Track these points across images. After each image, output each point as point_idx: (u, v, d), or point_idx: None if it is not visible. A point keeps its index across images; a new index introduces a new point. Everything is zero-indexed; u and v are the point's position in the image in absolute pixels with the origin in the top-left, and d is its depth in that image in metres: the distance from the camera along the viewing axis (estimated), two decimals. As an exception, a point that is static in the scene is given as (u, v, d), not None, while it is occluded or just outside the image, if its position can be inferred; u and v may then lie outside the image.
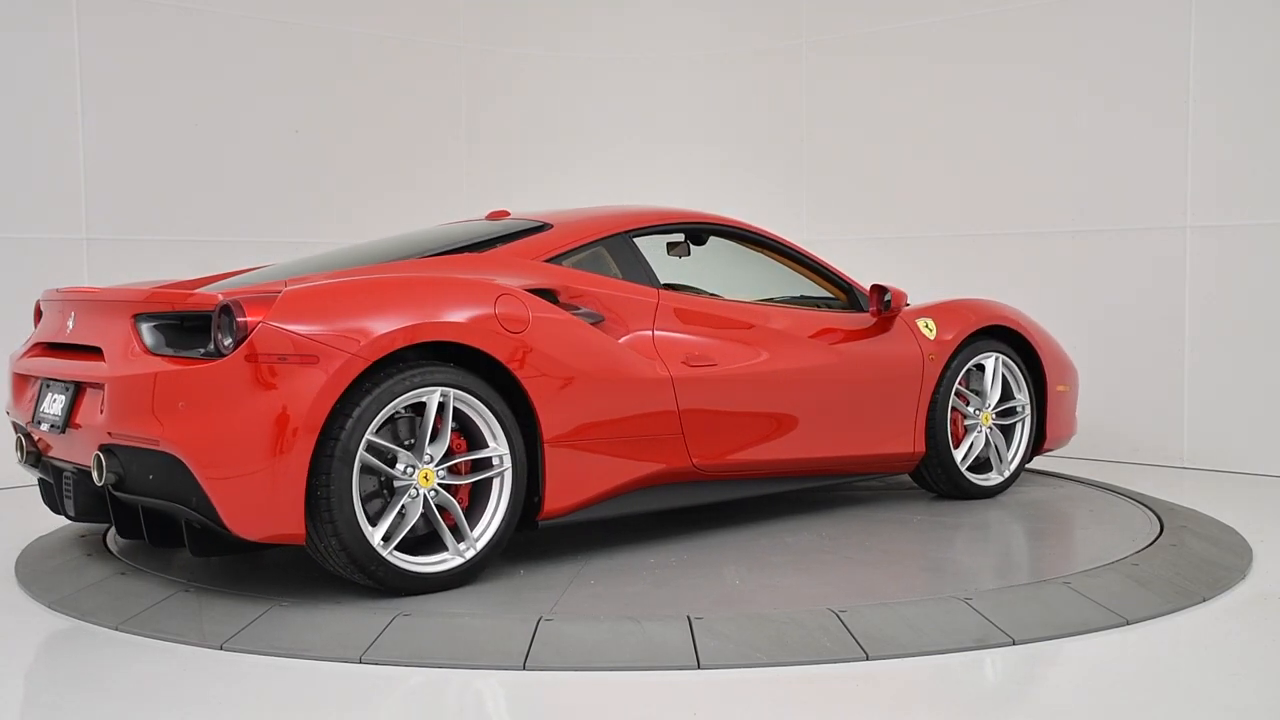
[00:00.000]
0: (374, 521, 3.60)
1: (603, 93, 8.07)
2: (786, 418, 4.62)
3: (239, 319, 3.47)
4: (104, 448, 3.64)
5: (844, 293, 5.09)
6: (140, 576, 3.95)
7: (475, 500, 3.83)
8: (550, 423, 3.87)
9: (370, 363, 3.52)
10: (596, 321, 4.16)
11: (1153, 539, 4.38)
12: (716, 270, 5.28)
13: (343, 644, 3.31)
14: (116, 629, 3.57)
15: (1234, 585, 3.97)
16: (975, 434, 5.17)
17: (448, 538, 3.71)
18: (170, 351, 3.63)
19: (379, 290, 3.71)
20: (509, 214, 4.91)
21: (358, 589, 3.79)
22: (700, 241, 5.06)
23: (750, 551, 4.32)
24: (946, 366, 5.07)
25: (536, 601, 3.65)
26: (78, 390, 3.86)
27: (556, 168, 7.90)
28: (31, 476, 4.26)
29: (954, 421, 5.13)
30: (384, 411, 3.56)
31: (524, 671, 3.17)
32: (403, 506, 3.64)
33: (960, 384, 5.12)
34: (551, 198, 7.06)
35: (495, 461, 3.79)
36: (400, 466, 3.63)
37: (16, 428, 4.24)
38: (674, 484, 4.31)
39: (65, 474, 4.01)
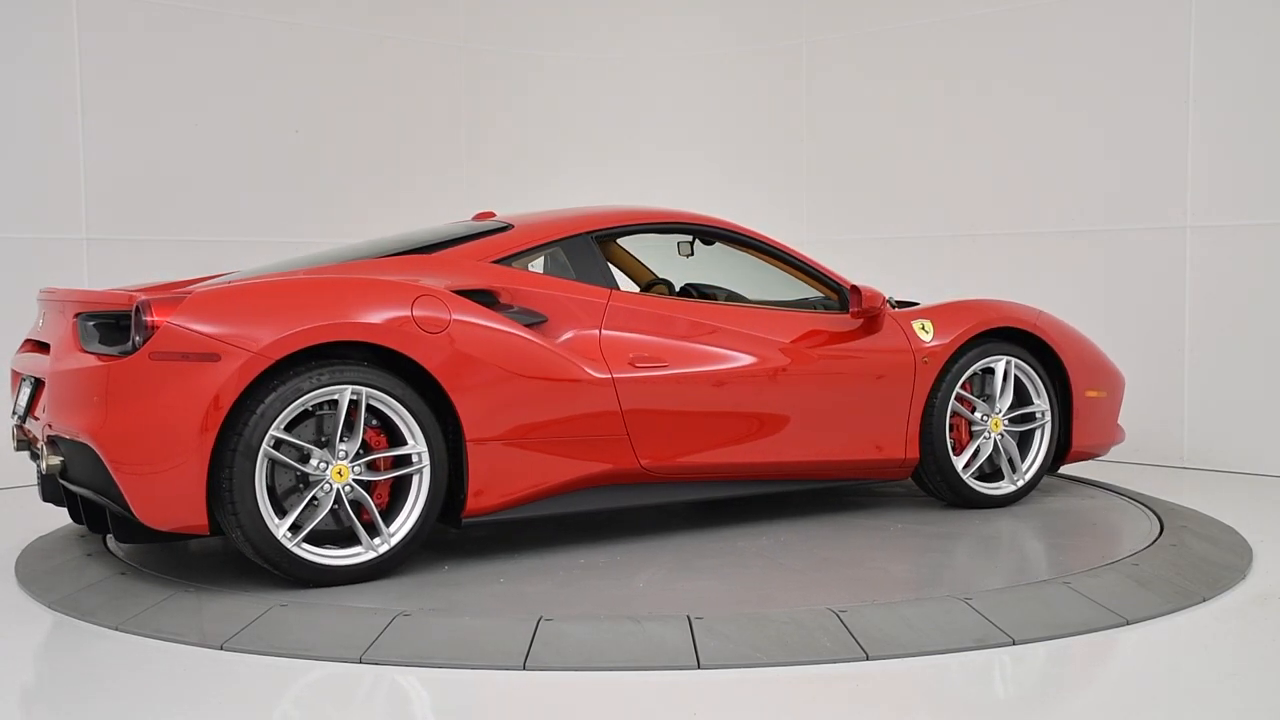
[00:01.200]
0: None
1: (602, 93, 8.07)
2: (750, 420, 4.53)
3: (146, 318, 3.62)
4: (49, 438, 3.86)
5: (834, 293, 4.96)
6: (140, 576, 3.95)
7: (396, 496, 3.92)
8: (473, 422, 3.93)
9: (272, 361, 3.64)
10: (538, 322, 4.20)
11: (1153, 539, 4.38)
12: (711, 271, 5.27)
13: (343, 644, 3.31)
14: (116, 629, 3.57)
15: (1234, 585, 3.97)
16: (983, 441, 4.96)
17: (360, 532, 3.81)
18: (100, 349, 3.77)
19: (290, 292, 3.84)
20: (494, 215, 4.97)
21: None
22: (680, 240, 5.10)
23: (681, 555, 4.26)
24: (945, 370, 4.88)
25: (427, 596, 3.71)
26: (36, 384, 4.13)
27: (556, 168, 7.90)
28: (33, 477, 4.47)
29: (957, 427, 4.96)
30: (290, 408, 3.68)
31: (524, 671, 3.17)
32: (317, 500, 3.77)
33: (965, 388, 4.94)
34: (551, 198, 7.06)
35: (414, 459, 3.88)
36: (314, 462, 3.74)
37: (11, 417, 4.46)
38: (632, 485, 4.33)
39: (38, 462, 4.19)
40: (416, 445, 3.86)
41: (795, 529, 4.68)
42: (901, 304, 5.24)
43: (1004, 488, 5.03)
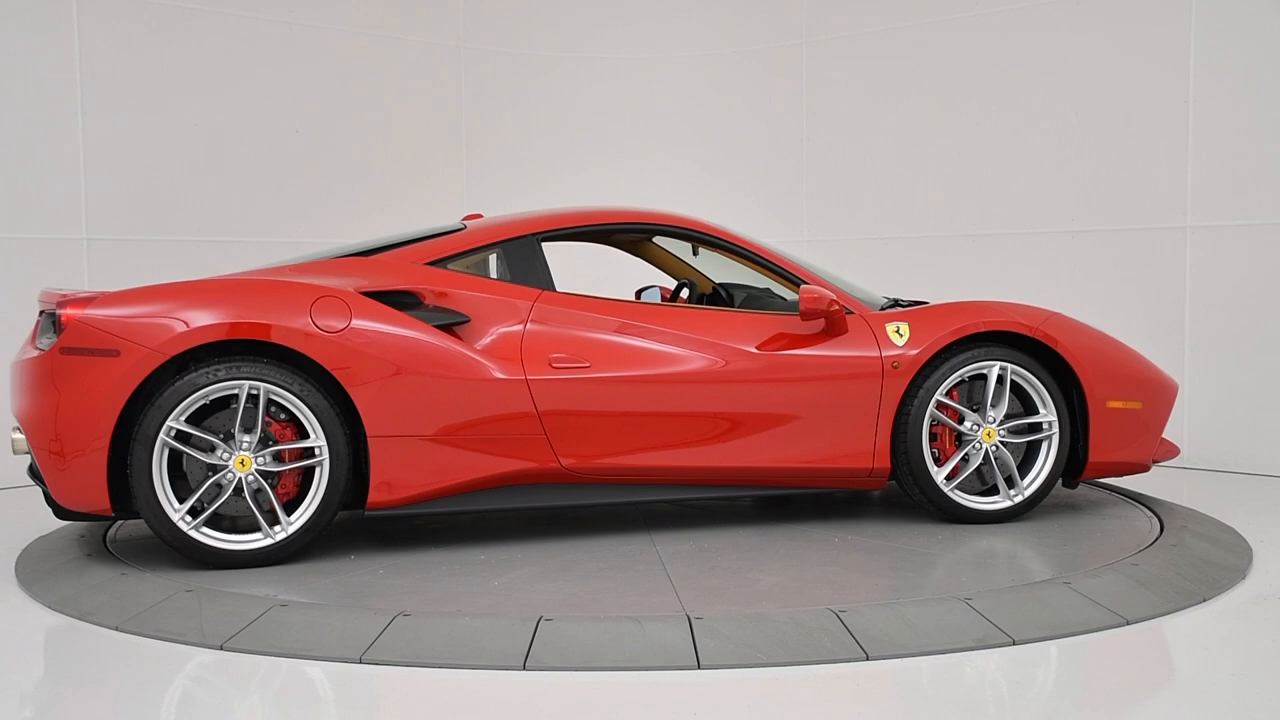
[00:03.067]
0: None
1: (601, 94, 8.07)
2: (687, 423, 4.44)
3: (60, 315, 3.99)
4: (15, 427, 4.17)
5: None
6: (140, 576, 3.95)
7: (304, 487, 4.15)
8: (374, 419, 4.11)
9: (167, 358, 3.95)
10: (459, 322, 4.31)
11: (1153, 539, 4.38)
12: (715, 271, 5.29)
13: (343, 644, 3.31)
14: (116, 629, 3.57)
15: (1234, 585, 3.97)
16: (971, 452, 4.64)
17: (259, 519, 4.05)
18: (42, 344, 4.10)
19: (191, 292, 4.08)
20: (481, 216, 5.07)
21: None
22: (640, 240, 5.19)
23: (582, 557, 4.24)
24: (923, 375, 4.60)
25: (298, 586, 3.82)
26: None
27: (556, 168, 7.90)
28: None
29: (942, 437, 4.67)
30: (187, 401, 3.96)
31: (524, 671, 3.17)
32: (220, 487, 4.05)
33: (952, 396, 4.65)
34: (551, 198, 7.07)
35: (316, 452, 4.08)
36: (219, 452, 4.01)
37: None
38: (563, 485, 4.36)
39: None
40: (317, 439, 4.07)
41: (678, 539, 4.61)
42: (913, 304, 5.04)
43: (999, 503, 4.69)
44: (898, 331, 4.64)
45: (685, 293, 5.39)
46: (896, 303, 4.98)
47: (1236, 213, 6.19)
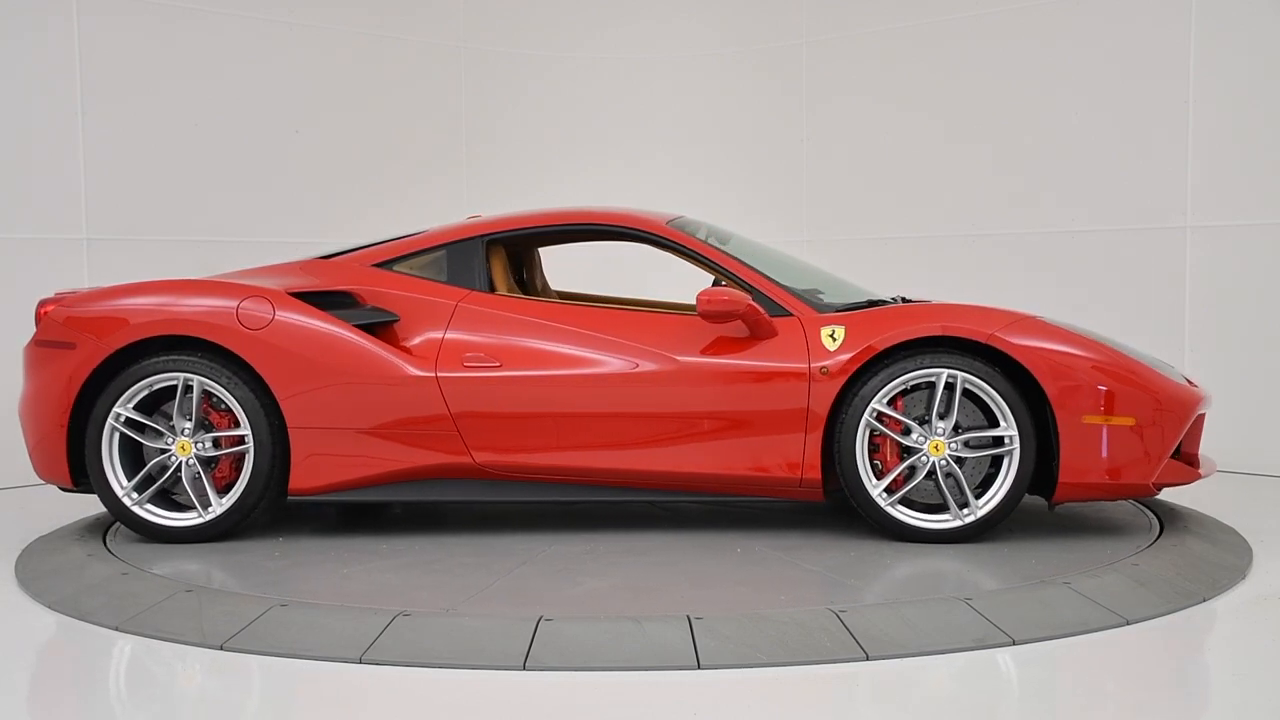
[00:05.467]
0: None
1: (602, 93, 8.06)
2: (595, 424, 4.41)
3: (39, 311, 4.60)
4: None
5: (749, 294, 4.51)
6: (140, 576, 3.95)
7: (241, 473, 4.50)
8: (292, 410, 4.41)
9: (113, 350, 4.40)
10: (389, 321, 4.57)
11: (1153, 539, 4.38)
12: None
13: (343, 644, 3.31)
14: (116, 629, 3.57)
15: (1234, 585, 3.97)
16: (917, 465, 4.30)
17: (195, 500, 4.47)
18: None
19: (141, 291, 4.53)
20: (480, 217, 5.13)
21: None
22: (588, 240, 5.19)
23: (463, 555, 4.26)
24: (858, 383, 4.31)
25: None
26: None
27: (556, 168, 7.90)
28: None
29: (884, 448, 4.36)
30: (132, 390, 4.41)
31: (524, 671, 3.17)
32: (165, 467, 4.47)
33: (897, 405, 4.32)
34: (551, 199, 7.06)
35: (245, 440, 4.42)
36: (167, 438, 4.45)
37: None
38: (482, 480, 4.48)
39: None
40: (244, 428, 4.41)
41: (599, 541, 4.59)
42: (904, 301, 5.02)
43: (947, 521, 4.31)
44: (831, 336, 4.38)
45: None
46: (904, 300, 4.87)
47: (1236, 213, 6.18)
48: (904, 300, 4.87)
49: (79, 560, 4.21)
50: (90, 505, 5.24)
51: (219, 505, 4.43)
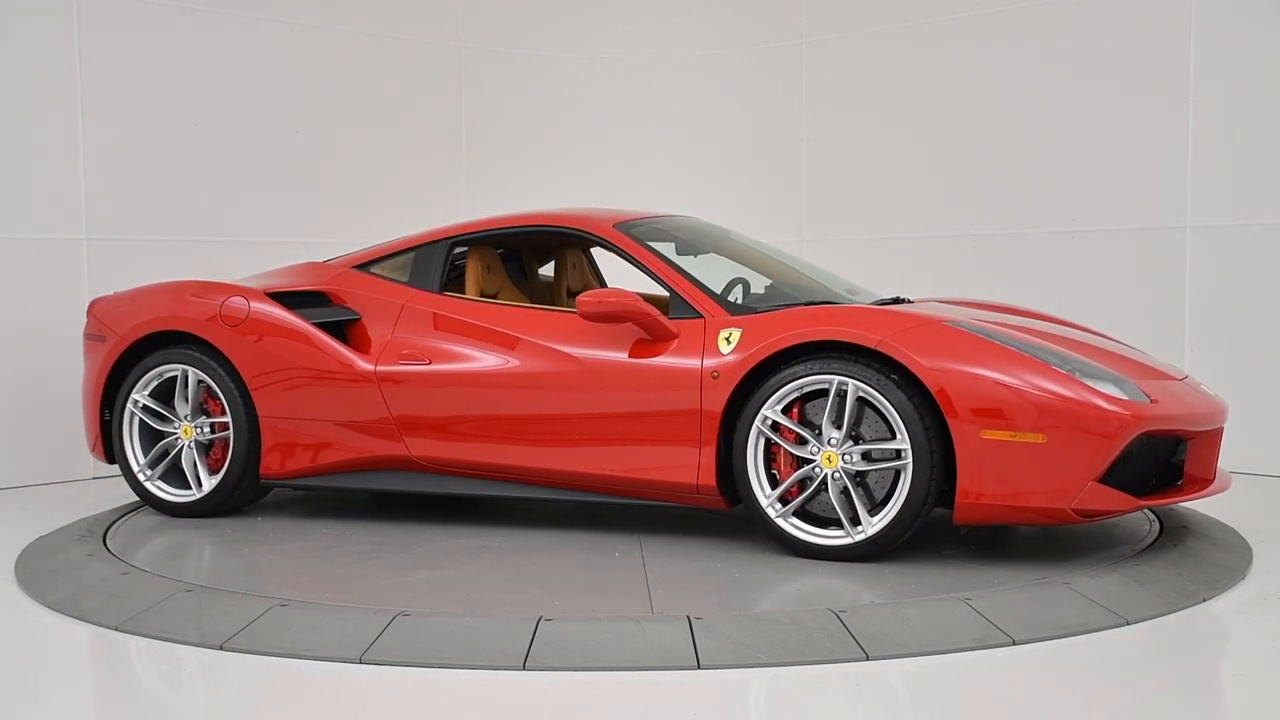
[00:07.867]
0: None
1: (602, 93, 8.06)
2: (512, 423, 4.51)
3: (88, 308, 5.28)
4: None
5: (690, 302, 4.41)
6: (140, 576, 3.95)
7: None
8: (262, 400, 4.81)
9: (129, 344, 4.97)
10: (351, 319, 4.88)
11: (1153, 539, 4.38)
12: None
13: (343, 644, 3.31)
14: (116, 629, 3.57)
15: (1234, 585, 3.97)
16: (811, 475, 4.06)
17: (191, 479, 4.92)
18: None
19: (156, 292, 5.07)
20: None
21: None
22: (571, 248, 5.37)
23: (433, 549, 4.36)
24: (748, 389, 4.14)
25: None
26: None
27: (555, 168, 7.90)
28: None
29: (779, 457, 4.15)
30: (145, 378, 4.95)
31: (524, 671, 3.17)
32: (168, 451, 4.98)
33: (792, 414, 4.09)
34: (550, 199, 7.06)
35: (229, 426, 4.85)
36: (174, 423, 4.95)
37: None
38: (418, 472, 4.69)
39: None
40: (229, 416, 4.83)
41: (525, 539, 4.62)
42: (896, 302, 4.81)
43: (838, 538, 4.04)
44: (727, 339, 4.20)
45: (739, 290, 4.95)
46: (898, 300, 4.82)
47: (1236, 213, 6.18)
48: (899, 300, 4.83)
49: (79, 560, 4.21)
50: (90, 505, 5.25)
51: (208, 484, 4.89)
